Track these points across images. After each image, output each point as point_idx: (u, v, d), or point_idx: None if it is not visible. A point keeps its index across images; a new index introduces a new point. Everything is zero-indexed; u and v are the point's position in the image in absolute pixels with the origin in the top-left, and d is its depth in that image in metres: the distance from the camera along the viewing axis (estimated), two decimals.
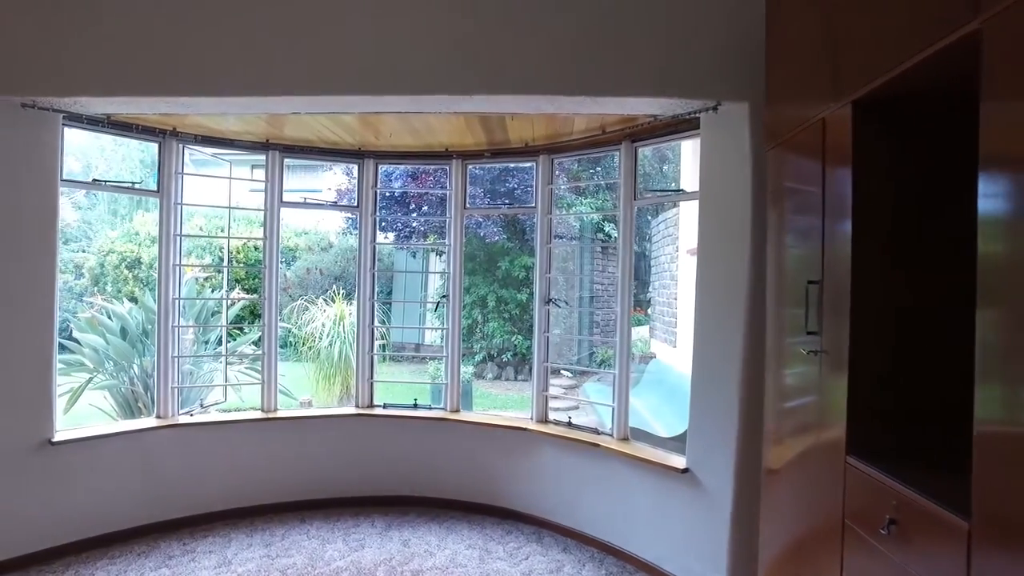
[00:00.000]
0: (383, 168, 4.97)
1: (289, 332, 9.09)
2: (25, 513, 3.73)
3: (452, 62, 3.38)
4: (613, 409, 4.18)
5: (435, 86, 3.36)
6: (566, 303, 8.47)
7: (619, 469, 3.98)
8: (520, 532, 4.38)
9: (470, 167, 4.86)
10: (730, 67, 3.24)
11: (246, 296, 8.56)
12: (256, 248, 11.96)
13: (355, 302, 8.07)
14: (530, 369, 10.96)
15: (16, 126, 3.60)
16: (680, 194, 4.04)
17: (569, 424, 4.44)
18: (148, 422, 4.32)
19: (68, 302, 10.87)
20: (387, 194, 10.50)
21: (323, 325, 7.23)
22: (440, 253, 11.80)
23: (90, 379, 6.25)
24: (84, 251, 13.03)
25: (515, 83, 3.33)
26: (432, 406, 4.90)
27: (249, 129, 4.32)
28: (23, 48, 3.52)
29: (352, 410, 4.86)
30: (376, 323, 5.02)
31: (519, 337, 10.39)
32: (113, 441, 4.09)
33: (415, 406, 4.86)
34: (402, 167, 9.50)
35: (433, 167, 9.56)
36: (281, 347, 10.69)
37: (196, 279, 8.02)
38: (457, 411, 4.83)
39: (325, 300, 7.50)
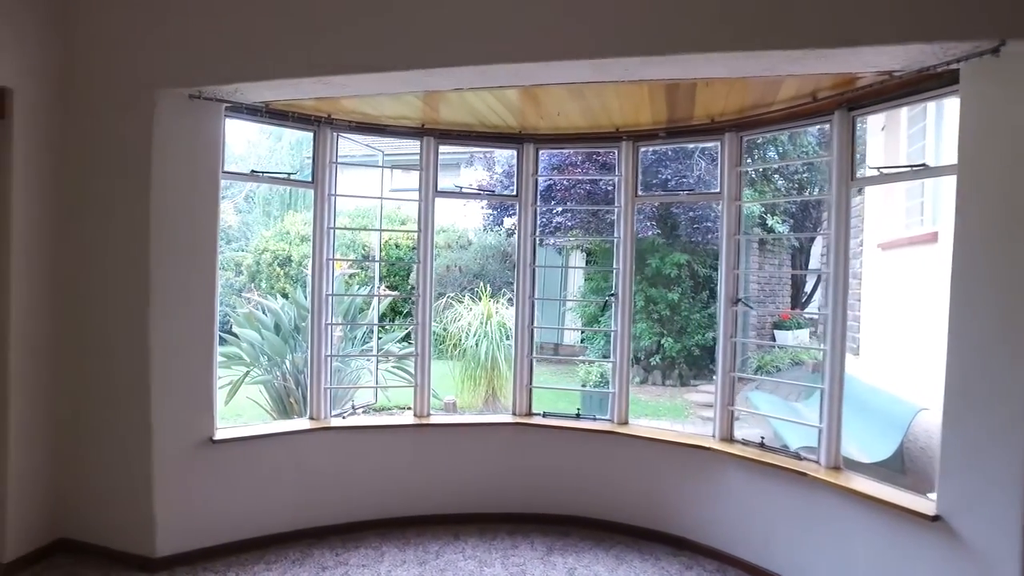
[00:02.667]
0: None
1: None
2: (190, 510, 3.70)
3: (644, 16, 2.84)
4: (821, 431, 3.48)
5: (622, 47, 2.83)
6: (751, 305, 7.69)
7: (830, 505, 3.29)
8: (701, 568, 3.78)
9: (641, 150, 4.30)
10: None
11: (391, 293, 8.51)
12: (397, 246, 12.09)
13: (499, 299, 7.87)
14: (679, 375, 10.28)
15: (184, 118, 3.56)
16: (923, 171, 3.23)
17: (761, 445, 3.78)
18: (302, 424, 4.14)
19: (228, 297, 11.46)
20: None
21: (469, 324, 6.95)
22: (585, 249, 11.32)
23: (247, 373, 6.32)
24: (243, 250, 13.80)
25: (719, 38, 2.74)
26: (597, 416, 4.39)
27: (404, 113, 4.02)
28: (190, 40, 3.47)
29: (509, 418, 4.45)
30: (535, 324, 4.58)
31: (668, 339, 9.67)
32: (269, 442, 3.94)
33: (578, 416, 4.38)
34: (546, 157, 9.12)
35: (581, 157, 9.08)
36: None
37: (343, 275, 8.04)
38: (625, 423, 4.29)
39: (471, 298, 7.23)
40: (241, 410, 6.94)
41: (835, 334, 3.42)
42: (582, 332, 11.00)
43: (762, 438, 3.82)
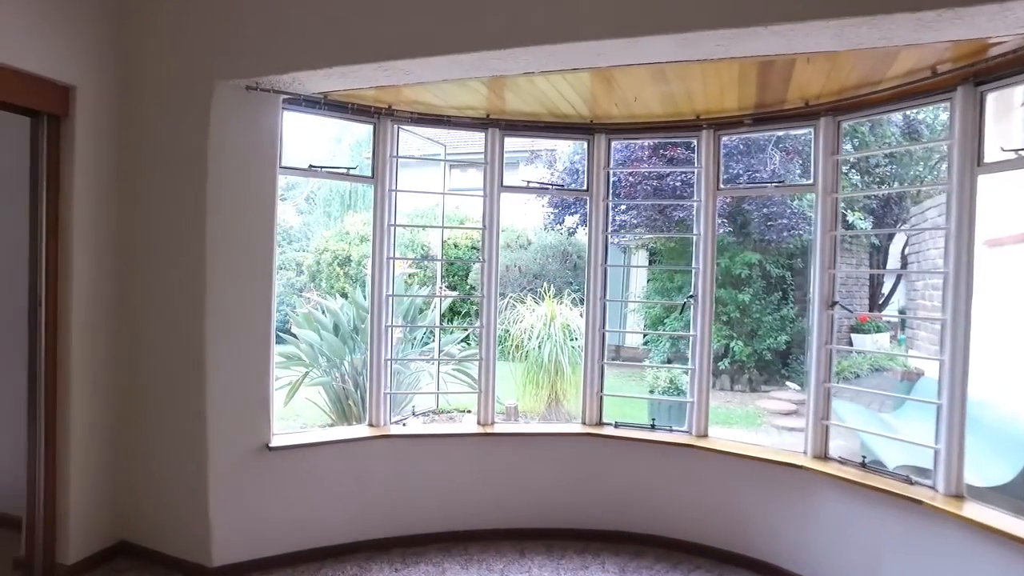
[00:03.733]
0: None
1: None
2: (246, 518, 3.55)
3: None
4: (937, 452, 3.07)
5: (716, 17, 2.51)
6: (850, 309, 7.10)
7: (952, 540, 2.87)
8: None
9: (723, 139, 3.94)
10: None
11: (451, 294, 8.33)
12: (455, 245, 11.96)
13: (563, 300, 7.55)
14: (749, 380, 9.77)
15: (241, 111, 3.42)
16: None
17: (863, 466, 3.38)
18: (361, 431, 3.95)
19: (289, 296, 11.53)
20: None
21: (532, 325, 6.68)
22: (649, 248, 10.94)
23: (306, 374, 6.23)
24: (304, 250, 13.96)
25: (833, 2, 2.38)
26: (673, 427, 4.06)
27: (469, 102, 3.79)
28: (246, 28, 3.32)
29: (578, 427, 4.17)
30: (606, 327, 4.28)
31: (738, 343, 9.19)
32: (326, 450, 3.77)
33: (653, 427, 4.06)
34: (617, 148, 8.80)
35: (648, 152, 8.71)
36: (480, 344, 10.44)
37: (402, 275, 7.89)
38: (704, 436, 3.95)
39: (534, 298, 6.96)
40: (300, 411, 6.88)
41: (956, 343, 3.00)
42: (645, 335, 10.59)
43: (863, 457, 3.42)
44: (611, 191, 4.20)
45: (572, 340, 6.85)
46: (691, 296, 4.03)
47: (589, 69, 3.05)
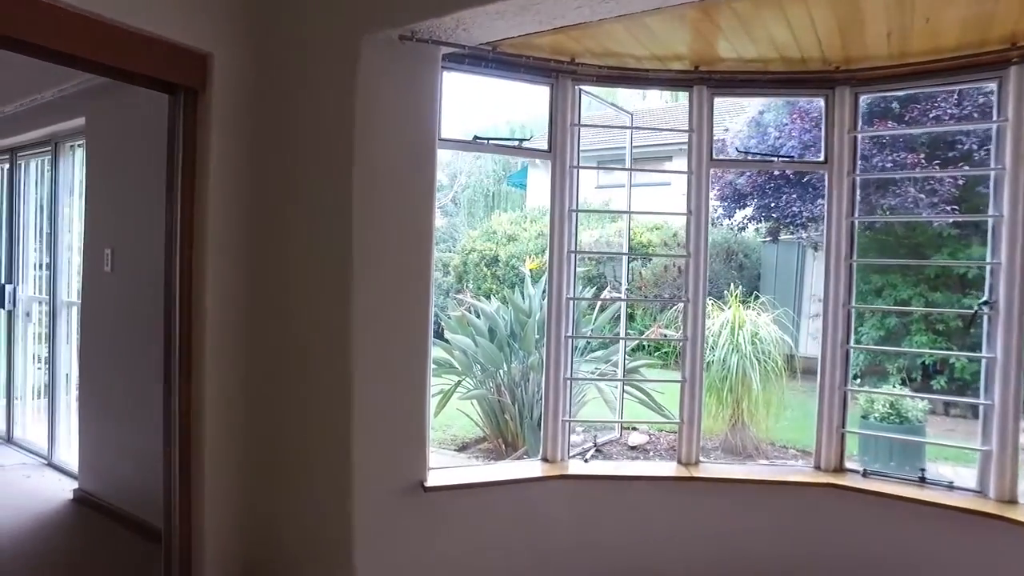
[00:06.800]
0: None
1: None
2: (394, 569, 2.87)
3: None
4: None
5: None
6: None
7: None
8: None
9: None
10: None
11: (639, 299, 7.48)
12: (607, 244, 11.13)
13: (752, 305, 6.46)
14: (971, 404, 8.08)
15: (393, 69, 2.74)
16: None
17: None
18: (533, 468, 3.17)
19: (437, 298, 11.24)
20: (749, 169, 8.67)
21: (717, 333, 5.68)
22: (818, 248, 9.48)
23: (458, 382, 5.65)
24: (450, 251, 13.79)
25: None
26: (953, 484, 2.95)
27: (675, 49, 2.92)
28: None
29: (810, 474, 3.15)
30: (853, 342, 3.25)
31: (961, 359, 7.58)
32: (492, 492, 3.02)
33: (922, 480, 2.98)
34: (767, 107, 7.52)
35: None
36: (636, 349, 9.49)
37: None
38: (1012, 502, 2.80)
39: (716, 303, 5.96)
40: (450, 420, 6.36)
41: None
42: (852, 349, 9.11)
43: None
44: (857, 163, 3.17)
45: (751, 345, 5.78)
46: (985, 302, 2.91)
47: None
